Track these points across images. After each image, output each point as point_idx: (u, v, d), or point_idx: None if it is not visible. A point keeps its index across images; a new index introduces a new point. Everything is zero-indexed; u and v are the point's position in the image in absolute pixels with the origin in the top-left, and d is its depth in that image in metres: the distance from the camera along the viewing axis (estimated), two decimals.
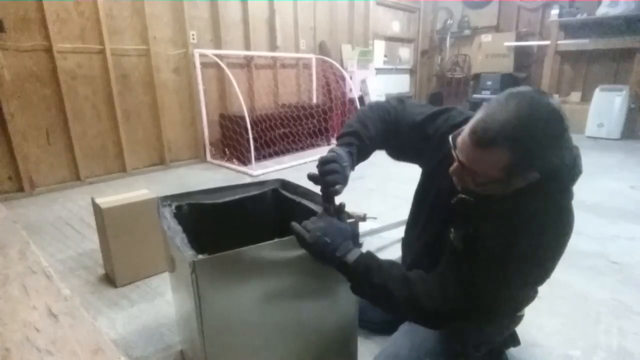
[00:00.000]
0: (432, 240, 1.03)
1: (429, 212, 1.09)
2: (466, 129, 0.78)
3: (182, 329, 1.19)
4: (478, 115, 0.77)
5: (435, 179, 1.04)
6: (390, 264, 0.89)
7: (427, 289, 0.85)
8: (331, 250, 0.85)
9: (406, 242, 1.24)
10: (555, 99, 0.75)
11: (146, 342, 1.32)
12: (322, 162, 0.92)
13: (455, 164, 0.82)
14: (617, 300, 1.53)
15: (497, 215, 0.84)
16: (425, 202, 1.11)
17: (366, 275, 0.85)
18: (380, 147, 1.09)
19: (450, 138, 0.83)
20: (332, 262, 0.86)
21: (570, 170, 0.82)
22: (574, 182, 0.84)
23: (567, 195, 0.84)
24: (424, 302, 0.83)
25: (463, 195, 0.89)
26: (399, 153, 1.14)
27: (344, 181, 0.91)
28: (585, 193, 2.81)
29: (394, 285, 0.85)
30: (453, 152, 0.82)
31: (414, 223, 1.18)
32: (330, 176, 0.90)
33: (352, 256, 0.86)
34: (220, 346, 0.86)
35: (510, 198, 0.82)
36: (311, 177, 0.92)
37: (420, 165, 1.15)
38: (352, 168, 0.98)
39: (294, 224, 0.87)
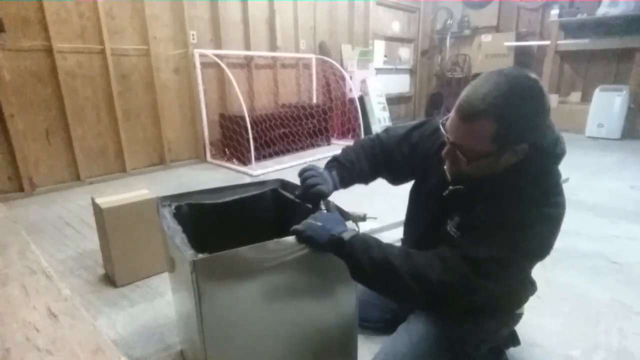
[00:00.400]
0: (430, 236, 1.03)
1: (423, 210, 1.10)
2: (453, 109, 0.82)
3: (182, 329, 1.19)
4: (463, 93, 0.81)
5: (426, 179, 1.07)
6: (388, 243, 0.89)
7: (428, 261, 0.83)
8: (326, 231, 0.86)
9: (405, 241, 1.24)
10: (534, 74, 0.78)
11: (146, 342, 1.32)
12: (300, 173, 1.02)
13: (447, 146, 0.85)
14: (617, 300, 1.53)
15: (488, 197, 0.85)
16: (419, 200, 1.12)
17: (365, 252, 0.84)
18: (373, 174, 1.16)
19: (440, 124, 0.88)
20: (327, 242, 0.85)
21: (554, 149, 0.84)
22: (559, 161, 0.86)
23: (554, 173, 0.86)
24: (427, 273, 0.81)
25: (453, 187, 0.91)
26: (394, 172, 1.18)
27: (325, 183, 0.98)
28: (585, 193, 2.81)
29: (395, 259, 0.83)
30: (445, 136, 0.85)
31: (410, 222, 1.20)
32: (309, 180, 0.97)
33: (348, 234, 0.86)
34: (220, 346, 0.86)
35: (499, 179, 0.84)
36: (300, 196, 1.01)
37: (416, 177, 1.16)
38: (337, 187, 1.05)
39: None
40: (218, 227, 1.20)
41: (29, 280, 0.72)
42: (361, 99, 5.10)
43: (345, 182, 1.08)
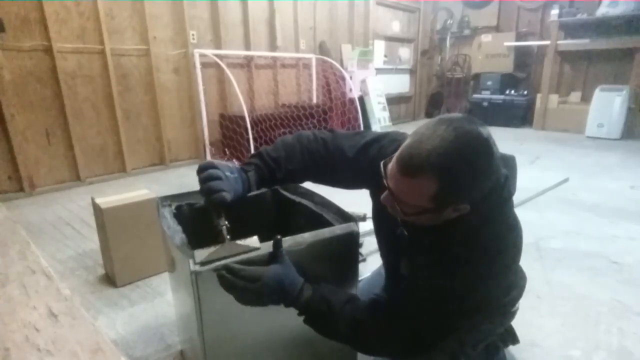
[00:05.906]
0: (394, 268, 1.00)
1: (385, 242, 1.08)
2: (395, 155, 0.75)
3: (182, 329, 1.19)
4: (406, 141, 0.73)
5: (383, 209, 0.91)
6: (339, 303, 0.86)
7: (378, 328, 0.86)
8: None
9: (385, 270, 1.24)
10: (485, 128, 0.71)
11: (146, 342, 1.32)
12: (199, 170, 0.87)
13: (386, 192, 0.78)
14: (617, 300, 1.53)
15: (428, 249, 0.83)
16: (380, 231, 1.10)
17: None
18: (302, 177, 1.02)
19: (381, 164, 0.79)
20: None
21: (498, 198, 0.80)
22: (506, 203, 0.83)
23: (497, 222, 0.82)
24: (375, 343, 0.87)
25: (401, 228, 0.88)
26: (332, 184, 1.07)
27: (230, 189, 0.83)
28: (585, 193, 2.81)
29: (341, 325, 0.86)
30: (384, 179, 0.77)
31: (380, 252, 1.18)
32: (212, 182, 0.81)
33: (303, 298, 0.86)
34: (220, 346, 0.86)
35: (439, 231, 0.80)
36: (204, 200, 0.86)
37: (372, 195, 1.10)
38: (252, 189, 0.92)
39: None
40: None
41: (29, 280, 0.72)
42: (361, 99, 5.10)
43: (266, 183, 0.97)
